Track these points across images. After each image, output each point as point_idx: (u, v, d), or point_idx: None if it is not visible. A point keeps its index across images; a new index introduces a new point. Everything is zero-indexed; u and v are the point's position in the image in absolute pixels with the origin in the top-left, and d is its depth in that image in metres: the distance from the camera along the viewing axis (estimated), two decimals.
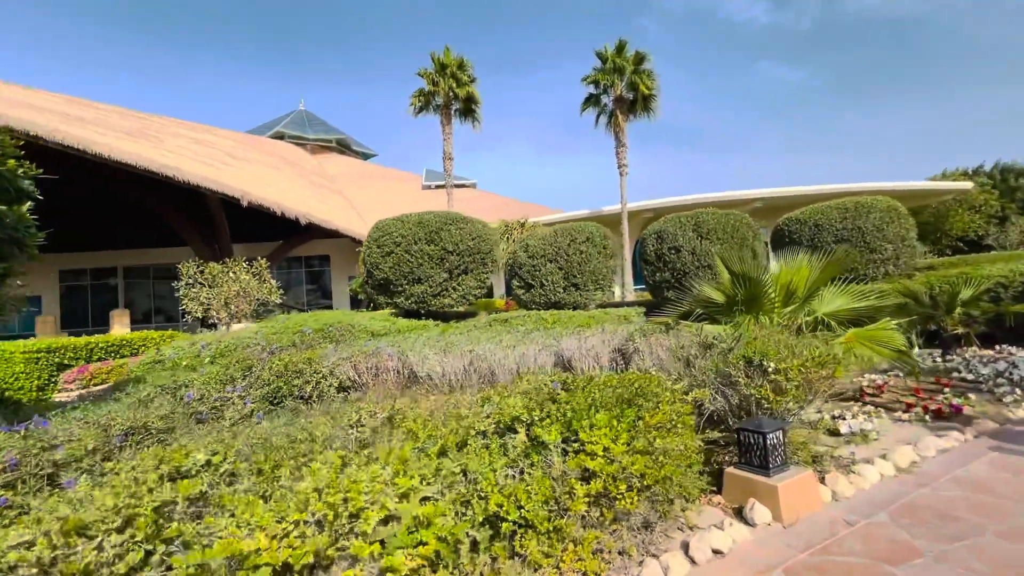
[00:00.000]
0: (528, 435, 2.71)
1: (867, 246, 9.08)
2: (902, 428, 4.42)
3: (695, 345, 4.06)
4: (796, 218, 10.05)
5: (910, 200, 24.86)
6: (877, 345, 5.25)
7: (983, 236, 28.12)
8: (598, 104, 20.75)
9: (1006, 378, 5.79)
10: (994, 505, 2.78)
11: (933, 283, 8.29)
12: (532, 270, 10.42)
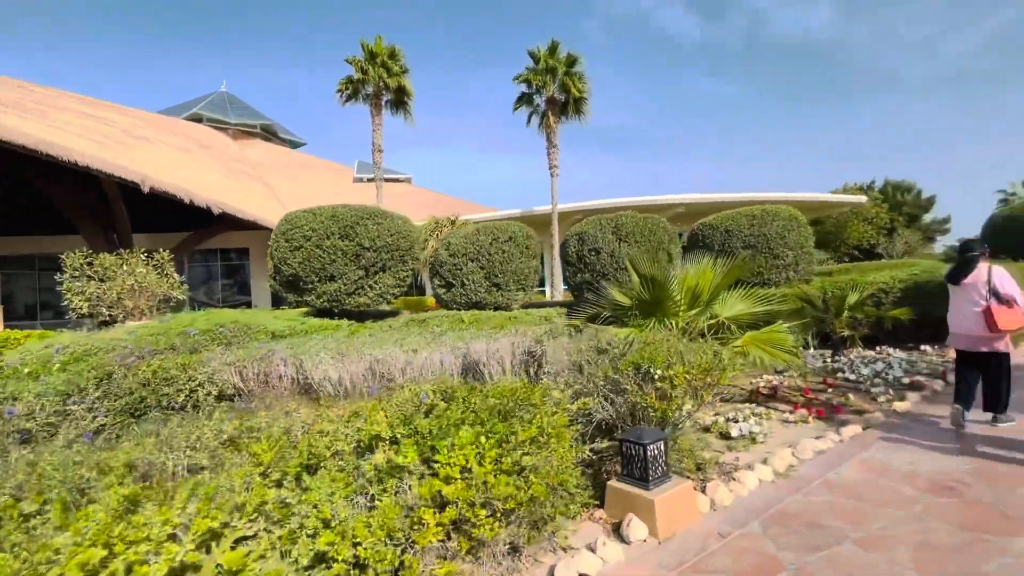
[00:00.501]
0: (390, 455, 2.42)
1: (771, 252, 9.57)
2: (788, 429, 4.56)
3: (591, 350, 3.95)
4: (709, 224, 10.43)
5: (816, 211, 27.00)
6: (770, 347, 5.44)
7: (875, 245, 31.11)
8: (531, 104, 20.75)
9: (882, 378, 6.23)
10: (856, 511, 2.83)
11: (827, 288, 8.86)
12: (453, 269, 10.12)
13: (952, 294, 4.64)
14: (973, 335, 4.36)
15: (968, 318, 4.38)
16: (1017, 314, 4.14)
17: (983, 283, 4.29)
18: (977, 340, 4.35)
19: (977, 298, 4.30)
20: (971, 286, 4.36)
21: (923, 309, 8.50)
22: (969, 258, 4.46)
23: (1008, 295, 4.18)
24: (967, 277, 4.38)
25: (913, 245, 32.64)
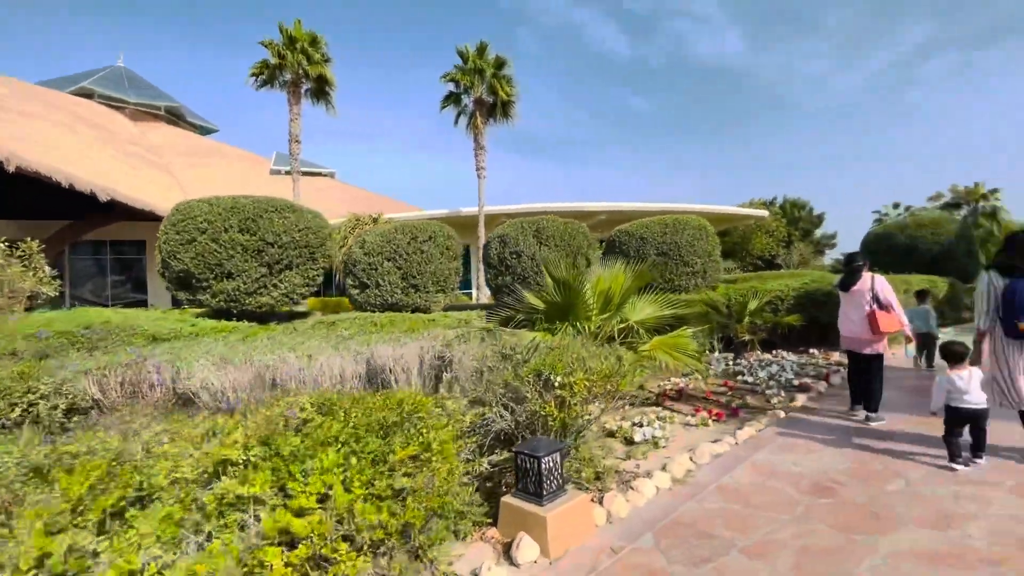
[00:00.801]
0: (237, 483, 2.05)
1: (681, 259, 9.99)
2: (689, 433, 4.64)
3: (495, 356, 3.76)
4: (626, 231, 10.71)
5: (725, 222, 28.98)
6: (675, 352, 5.58)
7: (775, 256, 33.97)
8: (458, 104, 20.47)
9: (776, 380, 6.61)
10: (745, 517, 2.84)
11: (730, 295, 9.35)
12: (368, 269, 9.59)
13: (842, 301, 5.05)
14: (860, 337, 4.78)
15: (855, 322, 4.80)
16: (894, 318, 4.64)
17: (868, 290, 4.73)
18: (862, 342, 4.78)
19: (863, 304, 4.72)
20: (858, 293, 4.79)
21: (812, 315, 9.22)
22: (855, 268, 4.88)
23: (887, 301, 4.66)
24: (855, 285, 4.80)
25: (806, 257, 36.04)
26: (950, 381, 3.62)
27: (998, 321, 3.67)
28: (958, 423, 3.58)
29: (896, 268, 13.02)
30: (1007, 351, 3.66)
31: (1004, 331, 3.63)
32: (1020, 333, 3.51)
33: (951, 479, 3.23)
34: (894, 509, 2.85)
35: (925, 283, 11.03)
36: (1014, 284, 3.54)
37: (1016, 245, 3.73)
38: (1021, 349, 3.61)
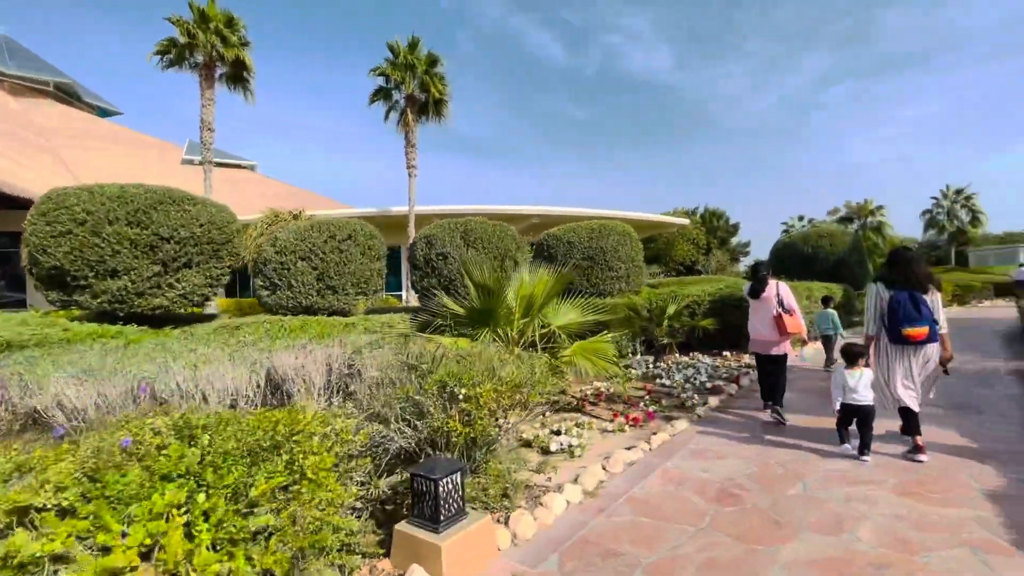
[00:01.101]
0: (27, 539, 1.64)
1: (607, 264, 10.14)
2: (606, 440, 4.58)
3: (401, 366, 3.47)
4: (554, 235, 10.73)
5: (650, 229, 30.23)
6: (595, 357, 5.56)
7: (695, 262, 35.96)
8: (389, 99, 19.80)
9: (691, 383, 6.80)
10: (653, 531, 2.77)
11: (652, 299, 9.61)
12: (280, 268, 8.88)
13: (752, 306, 5.38)
14: (768, 340, 5.16)
15: (764, 325, 5.17)
16: (796, 320, 5.07)
17: (774, 296, 5.13)
18: (769, 344, 5.16)
19: (771, 308, 5.11)
20: (766, 299, 5.17)
21: (726, 319, 9.67)
22: (763, 276, 5.28)
23: (790, 306, 5.13)
24: (764, 293, 5.18)
25: (723, 263, 38.44)
26: (843, 378, 3.95)
27: (883, 328, 4.01)
28: (848, 418, 3.96)
29: (800, 275, 14.05)
30: (889, 356, 4.01)
31: (889, 338, 3.96)
32: (903, 339, 3.83)
33: (843, 480, 3.36)
34: (794, 514, 2.89)
35: (824, 290, 11.97)
36: (897, 296, 3.89)
37: (898, 261, 4.11)
38: (902, 355, 3.94)
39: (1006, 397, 5.47)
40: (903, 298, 3.85)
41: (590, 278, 10.20)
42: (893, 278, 4.02)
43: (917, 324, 3.79)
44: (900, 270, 4.03)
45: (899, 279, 3.98)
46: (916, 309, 3.82)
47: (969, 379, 6.50)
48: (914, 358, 3.91)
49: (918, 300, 3.84)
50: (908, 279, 3.94)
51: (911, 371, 3.91)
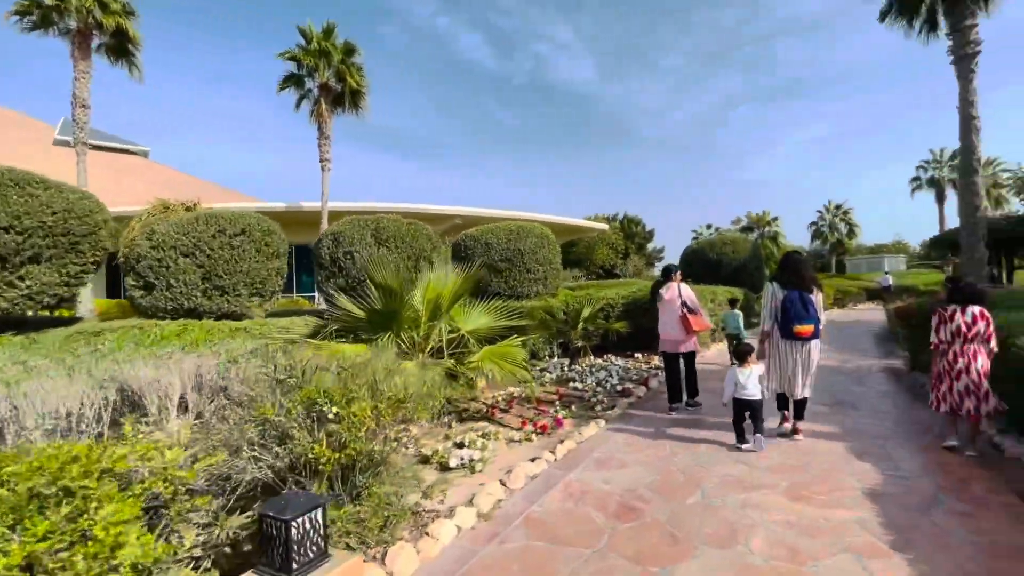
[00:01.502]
0: None
1: (524, 267, 10.01)
2: (512, 451, 4.33)
3: (269, 380, 2.98)
4: (472, 236, 10.44)
5: (573, 233, 30.89)
6: (504, 362, 5.32)
7: (614, 266, 37.35)
8: (301, 86, 18.53)
9: (603, 387, 6.78)
10: (546, 557, 2.54)
11: (569, 302, 9.60)
12: (157, 266, 7.81)
13: (660, 308, 5.66)
14: (676, 339, 5.49)
15: (671, 325, 5.50)
16: (699, 320, 5.48)
17: (678, 297, 5.50)
18: (677, 342, 5.50)
19: (677, 309, 5.46)
20: (671, 300, 5.52)
21: (638, 322, 9.90)
22: (660, 281, 5.72)
23: (695, 306, 5.54)
24: (668, 294, 5.54)
25: (640, 268, 40.27)
26: (735, 375, 4.27)
27: (776, 325, 4.37)
28: (741, 411, 4.24)
29: (707, 280, 14.83)
30: (781, 350, 4.38)
31: (781, 334, 4.34)
32: (794, 335, 4.22)
33: (739, 485, 3.35)
34: (691, 526, 2.79)
35: (727, 293, 12.71)
36: (790, 295, 4.26)
37: (789, 264, 4.51)
38: (792, 349, 4.31)
39: (878, 394, 5.94)
40: (795, 298, 4.21)
41: (508, 280, 10.03)
42: (786, 279, 4.37)
43: (805, 322, 4.17)
44: (792, 272, 4.39)
45: (791, 280, 4.33)
46: (805, 308, 4.20)
47: (848, 376, 7.04)
48: (801, 352, 4.28)
49: (807, 300, 4.22)
50: (799, 281, 4.30)
51: (799, 364, 4.29)
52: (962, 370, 3.89)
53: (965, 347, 3.92)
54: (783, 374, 4.37)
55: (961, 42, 12.27)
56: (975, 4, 12.04)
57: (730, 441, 4.23)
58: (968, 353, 3.90)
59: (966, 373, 3.87)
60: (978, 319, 3.91)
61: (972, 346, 3.91)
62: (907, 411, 5.13)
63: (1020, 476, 3.27)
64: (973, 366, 3.86)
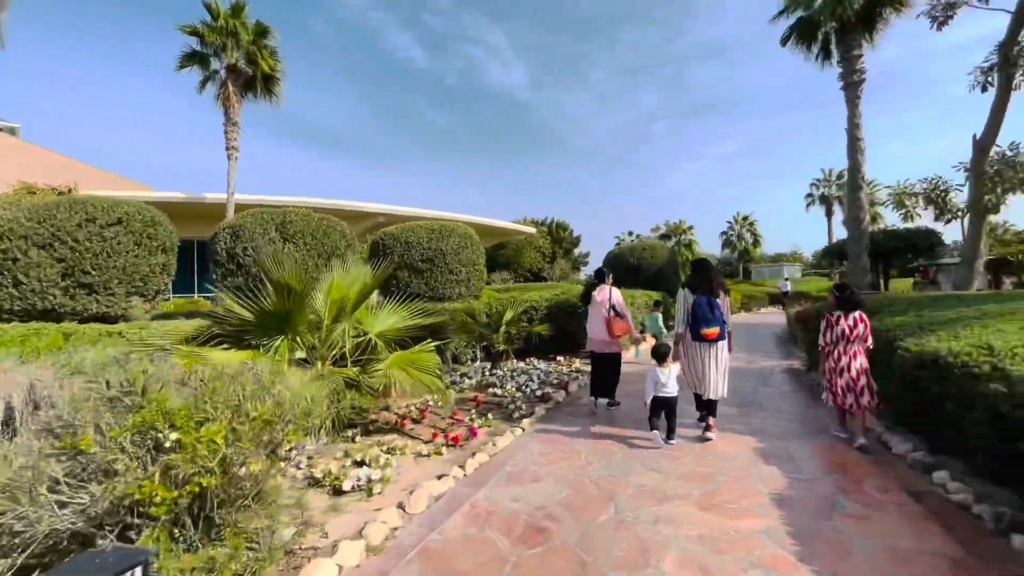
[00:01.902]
0: None
1: (447, 267, 9.63)
2: (419, 466, 3.96)
3: (101, 399, 2.40)
4: (392, 234, 9.89)
5: (500, 236, 30.86)
6: (414, 368, 4.93)
7: (542, 270, 37.80)
8: (206, 66, 16.86)
9: (523, 392, 6.57)
10: None
11: (492, 304, 9.35)
12: (1, 258, 6.56)
13: (589, 310, 5.81)
14: (602, 340, 5.60)
15: (599, 326, 5.61)
16: (625, 323, 5.58)
17: (607, 300, 5.62)
18: (603, 343, 5.62)
19: (604, 312, 5.59)
20: (600, 302, 5.65)
21: (560, 325, 9.87)
22: (599, 283, 5.84)
23: (621, 310, 5.63)
24: (599, 296, 5.67)
25: (566, 272, 41.06)
26: (656, 375, 4.43)
27: (688, 327, 4.61)
28: (658, 408, 4.42)
29: (627, 284, 15.23)
30: (694, 350, 4.62)
31: (691, 336, 4.59)
32: (703, 337, 4.47)
33: (653, 497, 3.22)
34: (602, 548, 2.58)
35: (645, 297, 13.09)
36: (699, 299, 4.52)
37: (699, 270, 4.75)
38: (700, 350, 4.57)
39: (781, 393, 6.22)
40: (703, 302, 4.49)
41: (429, 281, 9.59)
42: (696, 284, 4.62)
43: (712, 324, 4.44)
44: (701, 277, 4.64)
45: (701, 285, 4.58)
46: (711, 312, 4.47)
47: (754, 377, 7.36)
48: (709, 353, 4.54)
49: (714, 304, 4.50)
50: (707, 285, 4.56)
51: (708, 364, 4.54)
52: (844, 368, 4.30)
53: (847, 348, 4.32)
54: (695, 374, 4.64)
55: (849, 70, 13.63)
56: (861, 36, 13.45)
57: (646, 445, 4.15)
58: (849, 353, 4.31)
59: (847, 371, 4.27)
60: (859, 322, 4.33)
61: (853, 347, 4.32)
62: (806, 409, 5.36)
63: (908, 474, 3.42)
64: (853, 365, 4.27)
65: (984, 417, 2.94)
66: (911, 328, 4.22)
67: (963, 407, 3.22)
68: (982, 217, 9.99)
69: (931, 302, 5.20)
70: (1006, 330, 3.41)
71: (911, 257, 24.41)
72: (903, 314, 4.88)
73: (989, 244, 13.36)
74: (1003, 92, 9.36)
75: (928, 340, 3.70)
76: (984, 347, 3.12)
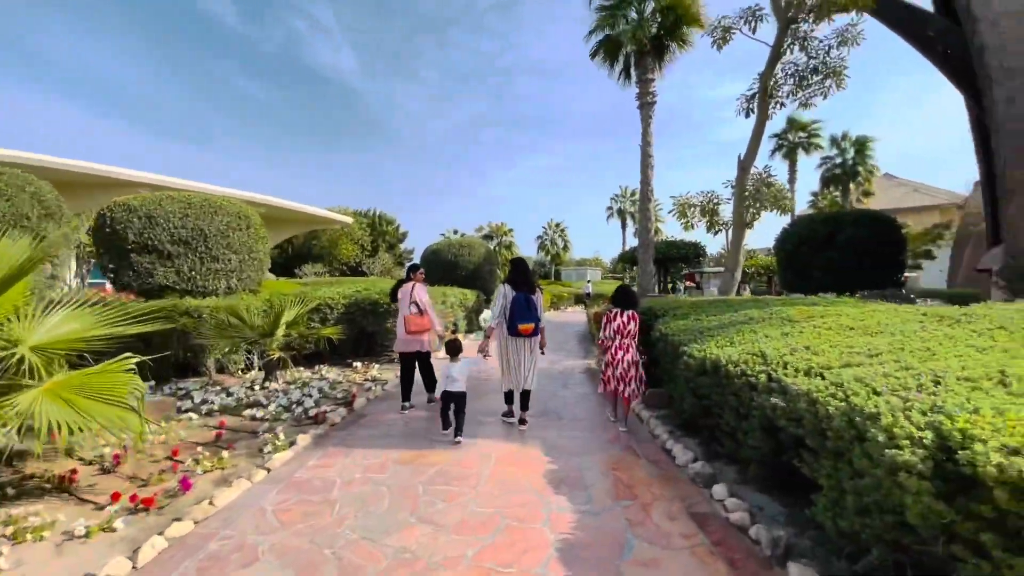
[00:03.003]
0: None
1: (209, 253, 7.60)
2: (63, 557, 2.49)
3: None
4: (126, 205, 7.44)
5: (312, 224, 27.70)
6: (90, 398, 3.31)
7: (362, 263, 35.27)
8: None
9: (291, 412, 5.26)
10: None
11: (273, 301, 7.65)
12: None
13: (398, 307, 5.63)
14: (405, 338, 5.43)
15: (401, 325, 5.45)
16: (426, 320, 5.46)
17: (409, 295, 5.48)
18: (408, 342, 5.45)
19: (407, 308, 5.45)
20: (403, 299, 5.53)
21: (361, 325, 8.64)
22: (405, 279, 5.75)
23: (423, 307, 5.49)
24: (402, 292, 5.56)
25: (389, 267, 39.17)
26: (447, 370, 4.46)
27: (504, 323, 4.72)
28: (447, 402, 4.45)
29: (445, 280, 14.60)
30: (511, 345, 4.78)
31: (508, 331, 4.70)
32: (518, 332, 4.60)
33: (412, 571, 2.39)
34: None
35: (461, 295, 12.60)
36: (518, 296, 4.63)
37: (518, 267, 4.89)
38: (520, 344, 4.74)
39: (578, 397, 6.09)
40: (521, 298, 4.61)
41: (181, 270, 7.43)
42: (516, 281, 4.73)
43: (528, 320, 4.59)
44: (520, 275, 4.78)
45: (519, 282, 4.71)
46: (528, 308, 4.61)
47: (557, 380, 7.25)
48: (524, 347, 4.75)
49: (531, 301, 4.64)
50: (525, 283, 4.72)
51: (523, 358, 4.75)
52: (619, 361, 4.72)
53: (622, 343, 4.76)
54: (512, 367, 4.79)
55: (644, 91, 15.26)
56: (655, 62, 15.23)
57: (426, 474, 3.35)
58: (623, 348, 4.75)
59: (621, 364, 4.71)
60: (631, 320, 4.79)
61: (626, 341, 4.77)
62: (599, 415, 5.21)
63: (691, 491, 3.23)
64: (626, 358, 4.71)
65: (760, 428, 2.82)
66: (693, 332, 4.23)
67: (740, 417, 3.13)
68: (742, 230, 11.87)
69: (708, 305, 5.49)
70: (771, 335, 3.48)
71: (683, 265, 29.13)
72: (686, 318, 5.01)
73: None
74: (761, 119, 11.15)
75: (709, 346, 3.64)
76: (758, 354, 3.05)
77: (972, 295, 12.45)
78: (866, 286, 9.89)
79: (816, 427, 2.19)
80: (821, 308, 4.30)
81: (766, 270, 26.21)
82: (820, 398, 2.15)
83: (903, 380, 2.07)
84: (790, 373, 2.59)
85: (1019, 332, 2.54)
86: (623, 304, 4.83)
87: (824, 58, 10.88)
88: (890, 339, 2.84)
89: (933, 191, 27.14)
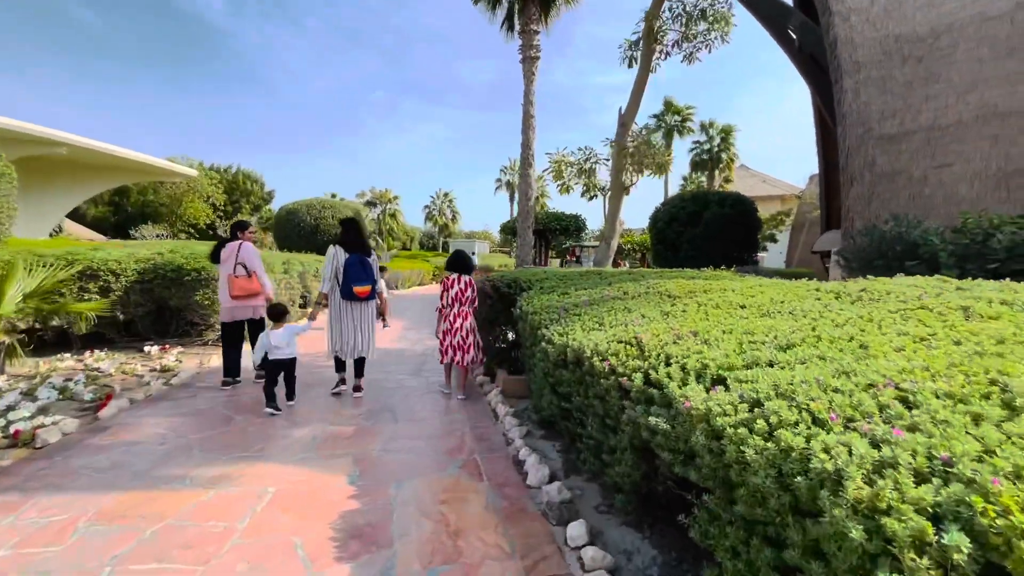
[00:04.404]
0: None
1: None
2: None
3: None
4: None
5: (145, 174, 22.85)
6: None
7: (215, 225, 30.51)
8: None
9: None
10: None
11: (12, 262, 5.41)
12: None
13: (220, 272, 4.87)
14: (230, 304, 4.79)
15: (224, 289, 4.77)
16: (254, 283, 4.80)
17: (234, 256, 4.75)
18: (234, 309, 4.81)
19: (229, 270, 4.74)
20: (226, 260, 4.78)
21: (160, 297, 6.68)
22: (231, 237, 4.94)
23: (251, 267, 4.80)
24: (226, 253, 4.79)
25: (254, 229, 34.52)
26: (268, 338, 4.12)
27: (337, 286, 4.38)
28: (274, 372, 4.07)
29: (302, 246, 12.62)
30: (344, 310, 4.45)
31: (342, 294, 4.37)
32: (353, 295, 4.32)
33: None
34: None
35: (316, 263, 10.81)
36: (351, 258, 4.33)
37: (350, 229, 4.51)
38: (354, 308, 4.45)
39: (426, 387, 4.99)
40: (354, 260, 4.33)
41: None
42: (348, 242, 4.39)
43: (363, 283, 4.34)
44: (353, 236, 4.45)
45: (352, 243, 4.39)
46: (363, 270, 4.35)
47: (410, 363, 6.14)
48: (359, 312, 4.47)
49: (366, 263, 4.38)
50: (359, 244, 4.42)
51: (357, 323, 4.46)
52: (457, 329, 4.55)
53: (460, 310, 4.60)
54: (343, 333, 4.46)
55: (527, 43, 14.16)
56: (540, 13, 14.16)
57: (135, 531, 2.03)
58: (461, 315, 4.59)
59: (460, 331, 4.56)
60: (468, 287, 4.64)
61: (464, 308, 4.62)
62: (445, 414, 4.18)
63: (541, 535, 2.32)
64: (464, 325, 4.58)
65: (630, 447, 1.97)
66: (557, 311, 3.32)
67: (607, 428, 2.26)
68: (620, 194, 11.50)
69: (579, 277, 4.72)
70: (649, 316, 2.67)
71: (563, 239, 29.42)
72: (552, 292, 4.13)
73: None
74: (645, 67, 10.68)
75: (573, 329, 2.74)
76: (632, 343, 2.19)
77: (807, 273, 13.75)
78: (727, 262, 10.13)
79: (720, 476, 1.32)
80: (703, 282, 3.66)
81: (640, 247, 27.40)
82: (728, 430, 1.27)
83: (851, 395, 1.26)
84: (675, 374, 1.72)
85: (951, 314, 1.94)
86: (458, 269, 4.67)
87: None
88: (794, 322, 2.12)
89: (777, 183, 30.32)
